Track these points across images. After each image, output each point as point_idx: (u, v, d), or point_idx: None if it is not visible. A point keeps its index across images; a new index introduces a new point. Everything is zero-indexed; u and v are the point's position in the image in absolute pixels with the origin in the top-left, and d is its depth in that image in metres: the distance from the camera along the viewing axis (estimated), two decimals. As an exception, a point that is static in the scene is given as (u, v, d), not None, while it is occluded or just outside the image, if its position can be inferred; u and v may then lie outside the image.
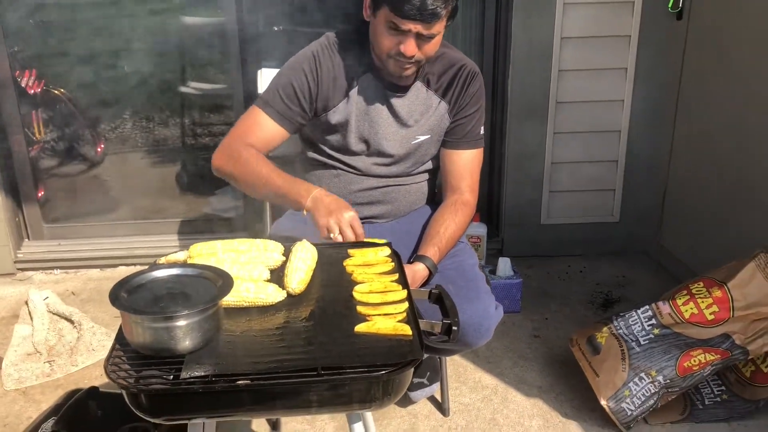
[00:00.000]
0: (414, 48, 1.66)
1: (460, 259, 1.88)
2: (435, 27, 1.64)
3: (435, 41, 1.69)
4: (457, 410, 2.21)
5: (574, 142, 3.11)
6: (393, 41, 1.67)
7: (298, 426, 2.13)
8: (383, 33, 1.67)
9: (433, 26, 1.63)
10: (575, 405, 2.23)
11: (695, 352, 2.04)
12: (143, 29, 3.35)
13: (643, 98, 3.04)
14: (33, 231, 3.31)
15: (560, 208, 3.23)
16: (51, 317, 2.72)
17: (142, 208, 3.48)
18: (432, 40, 1.68)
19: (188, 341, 1.15)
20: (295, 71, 1.80)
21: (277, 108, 1.80)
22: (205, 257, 1.40)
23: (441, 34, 1.70)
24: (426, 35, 1.65)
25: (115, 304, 1.13)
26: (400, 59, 1.69)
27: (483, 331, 1.72)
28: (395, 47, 1.67)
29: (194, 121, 3.58)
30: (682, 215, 3.02)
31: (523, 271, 3.09)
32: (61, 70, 3.30)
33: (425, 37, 1.65)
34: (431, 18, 1.60)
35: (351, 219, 1.58)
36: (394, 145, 1.86)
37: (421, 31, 1.63)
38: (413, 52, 1.67)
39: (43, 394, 2.31)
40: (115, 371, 1.12)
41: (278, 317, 1.29)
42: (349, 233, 1.57)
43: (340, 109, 1.82)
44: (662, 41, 2.95)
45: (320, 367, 1.11)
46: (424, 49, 1.69)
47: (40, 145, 3.38)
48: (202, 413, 1.17)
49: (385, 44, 1.68)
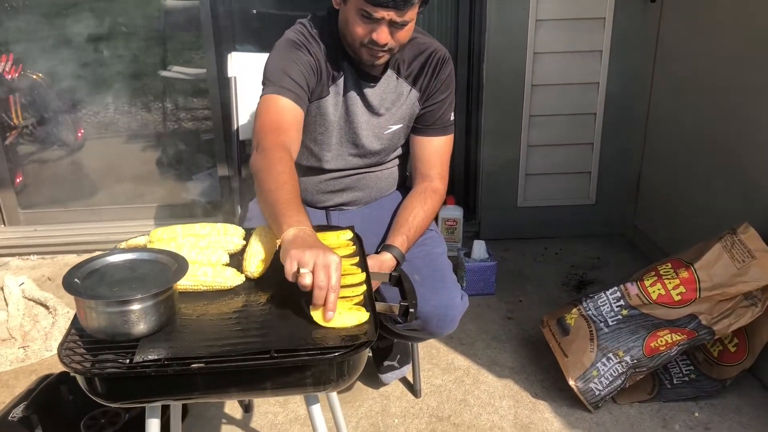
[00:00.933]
0: (387, 36, 1.63)
1: (427, 248, 1.87)
2: (408, 14, 1.60)
3: (408, 28, 1.66)
4: (429, 392, 2.24)
5: (549, 125, 3.11)
6: (365, 29, 1.63)
7: (270, 408, 2.14)
8: (355, 21, 1.63)
9: (405, 13, 1.59)
10: (546, 385, 2.26)
11: (662, 333, 2.06)
12: (122, 12, 3.33)
13: (618, 81, 3.04)
14: (9, 217, 3.30)
15: (537, 190, 3.24)
16: (26, 303, 2.72)
17: (120, 194, 3.48)
18: (405, 27, 1.64)
19: (143, 325, 1.15)
20: (291, 51, 1.72)
21: (291, 88, 1.67)
22: (165, 242, 1.41)
23: (414, 20, 1.67)
24: (399, 22, 1.61)
25: (68, 289, 1.14)
26: (373, 47, 1.65)
27: (448, 321, 1.73)
28: (368, 35, 1.63)
29: (177, 106, 3.57)
30: (656, 197, 3.04)
31: (499, 253, 3.11)
32: (39, 55, 3.27)
33: (398, 24, 1.62)
34: (404, 5, 1.56)
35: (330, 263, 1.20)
36: (367, 135, 1.84)
37: (394, 18, 1.59)
38: (386, 39, 1.63)
39: (17, 379, 2.31)
40: (69, 356, 1.13)
41: (237, 301, 1.30)
42: (322, 276, 1.18)
43: (329, 99, 1.78)
44: (637, 23, 2.95)
45: (273, 350, 1.12)
46: (396, 37, 1.65)
47: (17, 131, 3.35)
48: (158, 397, 1.18)
49: (357, 32, 1.64)
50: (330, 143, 1.84)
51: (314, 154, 1.88)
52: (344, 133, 1.84)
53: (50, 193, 3.41)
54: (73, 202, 3.42)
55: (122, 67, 3.40)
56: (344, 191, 1.94)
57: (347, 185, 1.93)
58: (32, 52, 3.25)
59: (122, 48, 3.36)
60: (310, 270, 1.19)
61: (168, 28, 3.45)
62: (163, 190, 3.51)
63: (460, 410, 2.15)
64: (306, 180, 1.89)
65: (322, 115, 1.81)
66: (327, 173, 1.90)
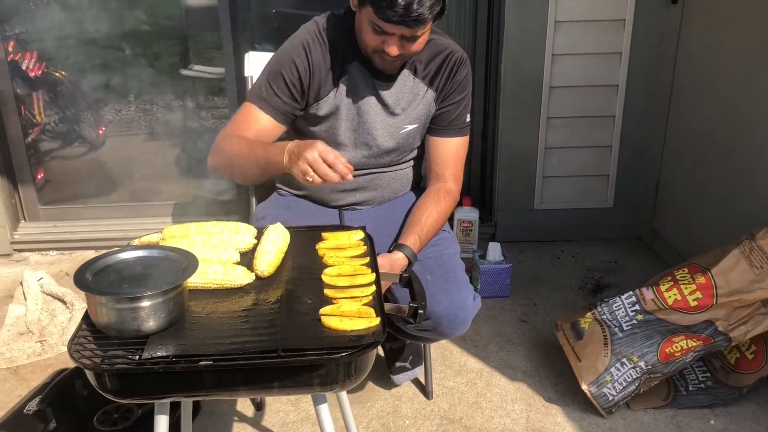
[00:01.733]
0: (398, 49, 1.63)
1: (440, 249, 1.86)
2: (419, 30, 1.59)
3: (421, 41, 1.65)
4: (441, 393, 2.23)
5: (567, 127, 3.09)
6: (377, 40, 1.63)
7: (282, 407, 2.15)
8: (367, 30, 1.63)
9: (417, 30, 1.58)
10: (559, 389, 2.24)
11: (677, 339, 2.04)
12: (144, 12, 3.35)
13: (638, 83, 3.01)
14: (29, 212, 3.35)
15: (554, 193, 3.22)
16: (44, 298, 2.76)
17: (139, 191, 3.50)
18: (417, 41, 1.64)
19: (152, 322, 1.16)
20: (286, 62, 1.74)
21: (270, 102, 1.74)
22: (177, 239, 1.42)
23: (427, 33, 1.65)
24: (410, 37, 1.61)
25: (79, 284, 1.15)
26: (385, 57, 1.65)
27: (459, 322, 1.72)
28: (379, 45, 1.63)
29: (197, 104, 3.59)
30: (675, 201, 3.01)
31: (515, 256, 3.09)
32: (62, 53, 3.31)
33: (410, 38, 1.61)
34: (416, 24, 1.55)
35: (320, 151, 1.44)
36: (382, 134, 1.84)
37: (405, 34, 1.59)
38: (397, 52, 1.63)
39: (34, 373, 2.34)
40: (79, 351, 1.14)
41: (246, 299, 1.31)
42: (321, 166, 1.43)
43: (330, 99, 1.79)
44: (657, 25, 2.92)
45: (281, 349, 1.12)
46: (408, 48, 1.64)
47: (40, 128, 3.40)
48: (166, 393, 1.19)
49: (368, 42, 1.65)
50: (340, 142, 1.84)
51: None
52: (358, 134, 1.84)
53: (70, 189, 3.45)
54: (93, 198, 3.46)
55: (144, 65, 3.42)
56: (357, 191, 1.94)
57: (361, 185, 1.92)
58: (55, 50, 3.29)
59: (144, 47, 3.38)
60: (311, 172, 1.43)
61: (189, 28, 3.47)
62: (181, 187, 3.54)
63: (471, 413, 2.14)
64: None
65: (323, 115, 1.81)
66: None
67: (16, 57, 3.18)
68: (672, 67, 2.91)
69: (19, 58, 3.19)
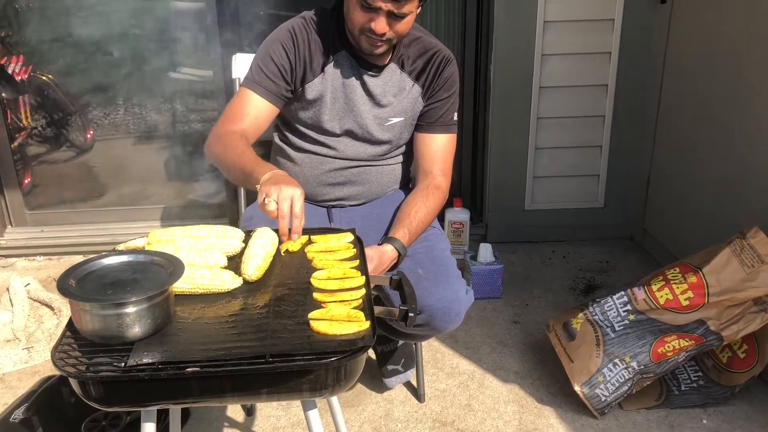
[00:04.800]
0: (385, 26, 1.65)
1: (430, 244, 1.87)
2: (406, 6, 1.62)
3: (407, 20, 1.68)
4: (433, 396, 2.21)
5: (558, 128, 3.09)
6: (364, 17, 1.66)
7: (273, 411, 2.13)
8: (355, 8, 1.66)
9: (403, 5, 1.61)
10: (552, 391, 2.23)
11: (669, 338, 2.03)
12: (131, 14, 3.33)
13: (627, 83, 3.01)
14: (15, 217, 3.31)
15: (544, 193, 3.21)
16: (31, 304, 2.72)
17: (128, 195, 3.48)
18: (404, 19, 1.66)
19: (138, 328, 1.14)
20: (274, 45, 1.79)
21: (262, 84, 1.78)
22: (163, 244, 1.40)
23: (413, 13, 1.69)
24: (397, 14, 1.63)
25: (63, 291, 1.13)
26: (372, 36, 1.68)
27: (453, 315, 1.72)
28: (366, 23, 1.66)
29: (186, 107, 3.56)
30: (666, 201, 3.01)
31: (507, 256, 3.09)
32: (49, 56, 3.28)
33: (396, 15, 1.64)
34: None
35: (293, 194, 1.38)
36: (368, 123, 1.86)
37: (392, 9, 1.62)
38: (384, 29, 1.66)
39: (20, 380, 2.31)
40: (63, 359, 1.12)
41: (234, 304, 1.29)
42: (284, 206, 1.36)
43: (315, 84, 1.81)
44: (646, 25, 2.92)
45: (269, 355, 1.11)
46: (395, 28, 1.67)
47: (27, 132, 3.36)
48: (153, 401, 1.16)
49: (356, 20, 1.68)
50: (325, 129, 1.86)
51: (317, 140, 1.88)
52: (344, 122, 1.85)
53: (58, 194, 3.42)
54: (81, 203, 3.42)
55: (132, 68, 3.40)
56: (345, 185, 1.93)
57: (348, 178, 1.92)
58: (42, 53, 3.26)
59: (132, 50, 3.36)
60: (275, 200, 1.36)
61: (177, 30, 3.45)
62: (170, 191, 3.51)
63: (464, 415, 2.13)
64: (307, 172, 1.90)
65: (308, 100, 1.83)
66: (330, 163, 1.90)
67: (2, 60, 3.15)
68: (661, 66, 2.91)
69: (5, 61, 3.16)
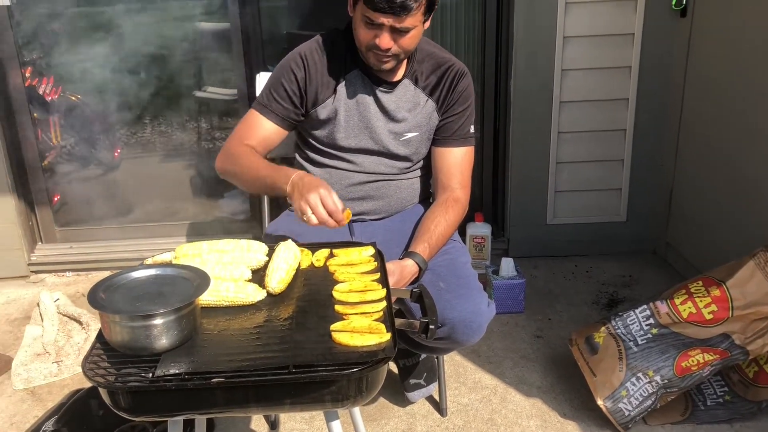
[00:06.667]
0: (389, 41, 1.69)
1: (451, 257, 1.88)
2: (408, 20, 1.65)
3: (411, 35, 1.71)
4: (456, 410, 2.22)
5: (579, 142, 3.09)
6: (369, 35, 1.70)
7: (296, 425, 2.15)
8: (361, 26, 1.71)
9: (404, 19, 1.65)
10: (575, 405, 2.22)
11: (693, 352, 2.02)
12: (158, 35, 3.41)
13: (649, 97, 3.01)
14: (46, 234, 3.38)
15: (566, 207, 3.21)
16: (61, 318, 2.78)
17: (154, 212, 3.54)
18: (408, 34, 1.70)
19: (165, 340, 1.17)
20: (284, 71, 1.86)
21: (271, 107, 1.85)
22: (190, 258, 1.44)
23: (419, 28, 1.72)
24: (400, 28, 1.67)
25: (93, 303, 1.16)
26: (378, 52, 1.72)
27: (474, 327, 1.72)
28: (371, 40, 1.70)
29: (211, 125, 3.63)
30: (689, 214, 2.99)
31: (529, 271, 3.09)
32: (78, 77, 3.37)
33: (400, 30, 1.67)
34: (401, 11, 1.62)
35: (320, 197, 1.50)
36: (384, 138, 1.89)
37: (394, 25, 1.65)
38: (388, 45, 1.69)
39: (50, 393, 2.36)
40: (93, 369, 1.15)
41: (258, 316, 1.32)
42: (320, 211, 1.49)
43: (328, 104, 1.86)
44: (666, 39, 2.92)
45: (292, 365, 1.13)
46: (400, 43, 1.71)
47: (56, 151, 3.44)
48: (179, 411, 1.19)
49: (362, 37, 1.72)
50: (339, 146, 1.90)
51: (335, 156, 1.92)
52: (359, 139, 1.89)
53: (86, 211, 3.49)
54: (109, 219, 3.49)
55: (158, 88, 3.47)
56: (365, 199, 1.96)
57: (367, 193, 1.95)
58: (71, 74, 3.34)
59: (158, 69, 3.43)
60: (310, 213, 1.48)
61: (202, 50, 3.52)
62: (195, 207, 3.57)
63: (486, 430, 2.13)
64: None
65: (322, 120, 1.88)
66: (349, 178, 1.93)
67: (34, 82, 3.24)
68: (682, 79, 2.91)
69: (36, 82, 3.25)
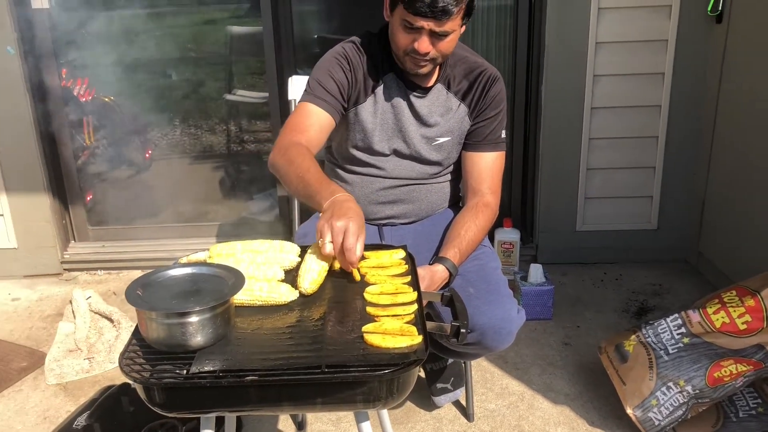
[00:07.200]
0: (428, 45, 1.69)
1: (481, 263, 1.88)
2: (447, 24, 1.65)
3: (450, 39, 1.71)
4: (482, 416, 2.21)
5: (610, 148, 3.07)
6: (408, 39, 1.70)
7: (323, 426, 2.16)
8: (399, 30, 1.70)
9: (445, 23, 1.65)
10: (603, 413, 2.20)
11: (726, 363, 1.99)
12: (190, 38, 3.46)
13: (682, 103, 2.98)
14: (79, 233, 3.45)
15: (596, 214, 3.18)
16: (92, 316, 2.82)
17: (184, 212, 3.59)
18: (446, 38, 1.69)
19: (200, 337, 1.19)
20: (331, 64, 1.83)
21: (323, 98, 1.80)
22: (224, 257, 1.45)
23: (456, 32, 1.72)
24: (439, 32, 1.66)
25: (130, 300, 1.18)
26: (416, 56, 1.72)
27: (504, 334, 1.71)
28: (410, 44, 1.70)
29: (240, 128, 3.67)
30: (722, 223, 2.95)
31: (558, 278, 3.07)
32: (111, 79, 3.43)
33: (439, 34, 1.67)
34: (442, 15, 1.62)
35: (348, 229, 1.37)
36: (416, 143, 1.89)
37: (434, 29, 1.65)
38: (427, 49, 1.69)
39: (82, 389, 2.40)
40: (130, 365, 1.17)
41: (290, 316, 1.32)
42: (338, 241, 1.37)
43: (367, 105, 1.86)
44: (701, 45, 2.89)
45: (324, 365, 1.14)
46: (438, 47, 1.70)
47: (89, 151, 3.51)
48: (213, 408, 1.20)
49: (400, 42, 1.72)
50: (375, 150, 1.89)
51: (366, 161, 1.92)
52: (392, 142, 1.89)
53: (118, 210, 3.55)
54: (139, 219, 3.55)
55: (189, 90, 3.52)
56: (394, 203, 1.96)
57: (398, 197, 1.95)
58: (104, 76, 3.41)
59: (189, 72, 3.49)
60: (329, 241, 1.37)
61: (233, 53, 3.57)
62: (225, 209, 3.61)
63: (513, 436, 2.12)
64: (358, 191, 1.93)
65: (360, 122, 1.87)
66: (380, 182, 1.93)
67: (68, 83, 3.30)
68: (717, 86, 2.87)
69: (71, 84, 3.31)
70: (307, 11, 3.27)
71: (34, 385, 2.43)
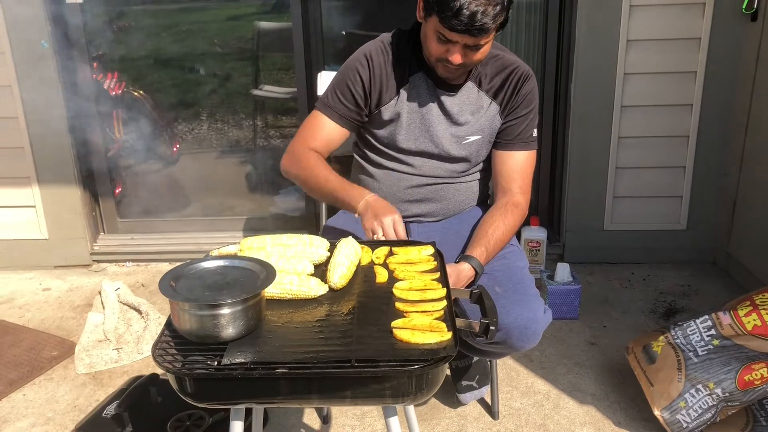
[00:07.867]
0: (461, 58, 1.67)
1: (508, 261, 1.87)
2: (483, 39, 1.64)
3: (483, 50, 1.69)
4: (507, 414, 2.20)
5: (639, 147, 3.04)
6: (441, 49, 1.68)
7: (348, 421, 2.17)
8: (432, 40, 1.69)
9: (480, 39, 1.63)
10: (629, 414, 2.18)
11: (757, 366, 1.96)
12: (217, 34, 3.49)
13: (714, 103, 2.93)
14: (108, 225, 3.50)
15: (624, 214, 3.15)
16: (121, 307, 2.86)
17: (211, 206, 3.62)
18: (480, 50, 1.68)
19: (231, 329, 1.20)
20: (349, 72, 1.85)
21: (335, 108, 1.86)
22: (254, 251, 1.46)
23: (490, 42, 1.70)
24: (473, 46, 1.65)
25: (164, 291, 1.20)
26: (448, 65, 1.71)
27: (530, 334, 1.70)
28: (443, 54, 1.68)
29: (266, 123, 3.69)
30: (753, 224, 2.90)
31: (585, 277, 3.04)
32: (141, 73, 3.47)
33: (472, 47, 1.66)
34: (479, 33, 1.60)
35: (393, 221, 1.62)
36: (445, 142, 1.88)
37: (468, 43, 1.64)
38: (460, 61, 1.68)
39: (111, 378, 2.44)
40: (162, 356, 1.19)
41: (320, 310, 1.33)
42: (390, 233, 1.61)
43: (391, 105, 1.85)
44: (735, 43, 2.84)
45: (354, 360, 1.14)
46: (471, 57, 1.69)
47: (118, 144, 3.55)
48: (243, 399, 1.22)
49: (433, 50, 1.70)
50: (401, 148, 1.89)
51: (394, 158, 1.92)
52: (419, 141, 1.88)
53: (146, 203, 3.59)
54: (167, 212, 3.59)
55: (216, 85, 3.55)
56: (423, 201, 1.96)
57: (425, 195, 1.95)
58: (134, 70, 3.45)
59: (217, 68, 3.51)
60: (381, 234, 1.60)
61: (261, 49, 3.59)
62: (251, 203, 3.64)
63: (538, 435, 2.11)
64: (386, 188, 1.93)
65: (385, 122, 1.87)
66: (408, 180, 1.93)
67: (99, 77, 3.35)
68: (750, 86, 2.82)
69: (101, 77, 3.36)
70: (337, 7, 3.28)
71: (64, 374, 2.48)
